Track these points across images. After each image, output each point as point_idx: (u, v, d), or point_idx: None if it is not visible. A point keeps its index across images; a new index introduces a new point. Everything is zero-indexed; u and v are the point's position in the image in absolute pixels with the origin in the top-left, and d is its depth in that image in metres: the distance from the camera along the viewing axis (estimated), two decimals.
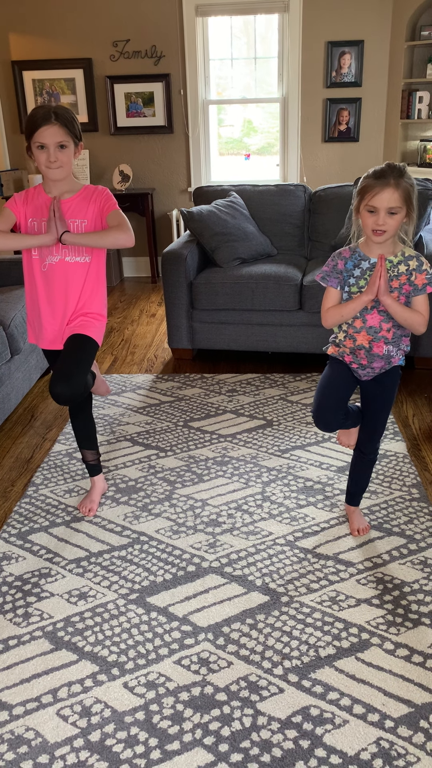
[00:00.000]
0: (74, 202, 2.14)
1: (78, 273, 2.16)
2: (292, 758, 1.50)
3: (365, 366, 2.03)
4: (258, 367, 3.76)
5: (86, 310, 2.22)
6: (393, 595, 1.98)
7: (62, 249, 2.13)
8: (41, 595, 2.03)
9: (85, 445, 2.44)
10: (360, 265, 1.94)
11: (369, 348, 1.98)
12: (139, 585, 2.05)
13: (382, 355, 1.99)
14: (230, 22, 5.42)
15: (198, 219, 3.80)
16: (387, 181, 1.79)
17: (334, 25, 5.21)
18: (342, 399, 2.06)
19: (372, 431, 2.15)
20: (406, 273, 1.90)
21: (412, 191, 1.82)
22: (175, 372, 3.74)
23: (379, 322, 1.95)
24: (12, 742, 1.56)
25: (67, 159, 2.05)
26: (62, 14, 5.33)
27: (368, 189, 1.81)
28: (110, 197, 2.15)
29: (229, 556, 2.18)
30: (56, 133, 1.99)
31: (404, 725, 1.57)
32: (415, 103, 5.11)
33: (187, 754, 1.51)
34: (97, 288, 2.23)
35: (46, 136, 1.99)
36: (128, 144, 5.67)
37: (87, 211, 2.13)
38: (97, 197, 2.14)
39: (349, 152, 5.55)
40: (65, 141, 2.02)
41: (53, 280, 2.16)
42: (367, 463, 2.23)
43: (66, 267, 2.14)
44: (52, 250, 2.13)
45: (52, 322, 2.21)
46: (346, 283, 1.97)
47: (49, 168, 2.04)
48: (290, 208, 4.07)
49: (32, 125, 2.00)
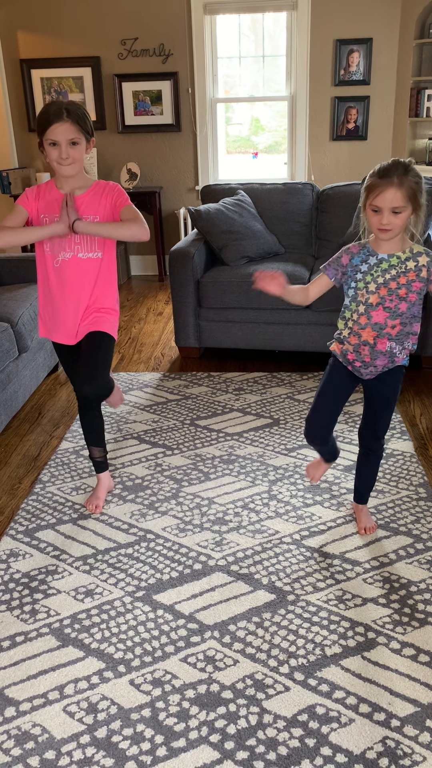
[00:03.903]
0: (86, 198, 2.14)
1: (90, 269, 2.18)
2: (297, 756, 1.50)
3: (368, 364, 2.02)
4: (265, 366, 3.76)
5: (99, 306, 2.23)
6: (399, 594, 1.98)
7: (74, 245, 2.14)
8: (48, 592, 2.03)
9: (93, 441, 2.45)
10: (367, 260, 1.94)
11: (373, 344, 1.98)
12: (146, 582, 2.06)
13: (385, 352, 1.98)
14: (238, 20, 5.42)
15: (205, 217, 3.80)
16: (390, 180, 1.77)
17: (343, 23, 5.19)
18: (334, 413, 2.13)
19: (376, 429, 2.15)
20: (415, 269, 1.89)
21: (417, 189, 1.79)
22: (182, 370, 3.74)
23: (384, 318, 1.94)
24: (19, 738, 1.56)
25: (78, 155, 2.05)
26: (70, 13, 5.34)
27: (372, 188, 1.81)
28: (122, 192, 2.16)
29: (236, 554, 2.18)
30: (68, 130, 2.00)
31: (410, 724, 1.56)
32: (424, 102, 5.09)
33: (193, 752, 1.52)
34: (109, 283, 2.25)
35: (58, 134, 2.00)
36: (136, 142, 5.67)
37: (99, 206, 2.14)
38: (108, 192, 2.15)
39: (357, 150, 5.54)
40: (77, 138, 2.02)
41: (66, 276, 2.17)
42: (373, 459, 2.22)
43: (78, 263, 2.15)
44: (65, 246, 2.13)
45: (65, 318, 2.23)
46: (352, 278, 1.97)
47: (60, 164, 2.05)
48: (298, 206, 4.07)
49: (44, 122, 2.01)
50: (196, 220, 3.83)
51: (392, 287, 1.91)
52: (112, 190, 2.15)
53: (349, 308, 2.00)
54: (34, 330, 3.23)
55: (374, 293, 1.93)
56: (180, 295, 3.73)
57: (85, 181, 2.16)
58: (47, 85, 5.56)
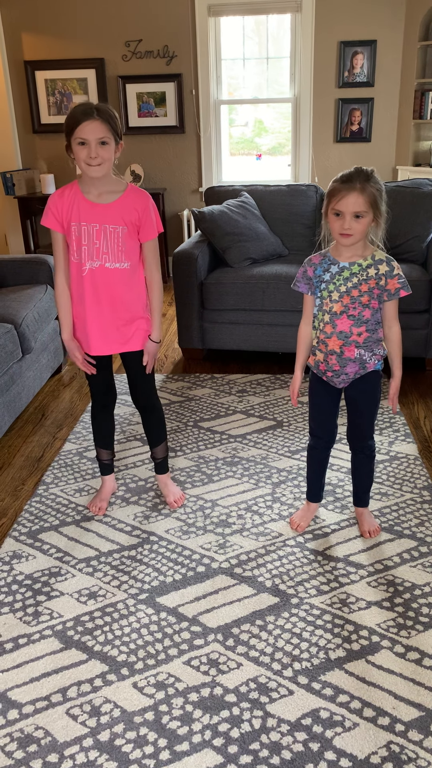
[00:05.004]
0: (118, 207, 2.07)
1: (119, 278, 2.12)
2: (301, 761, 1.49)
3: (338, 372, 2.04)
4: (268, 368, 3.75)
5: (131, 315, 2.18)
6: (404, 597, 1.97)
7: (102, 254, 2.08)
8: (51, 594, 2.03)
9: (102, 444, 2.44)
10: (329, 269, 1.97)
11: (340, 353, 2.00)
12: (149, 585, 2.05)
13: (354, 359, 2.00)
14: (242, 22, 5.42)
15: (209, 219, 3.80)
16: (353, 186, 1.81)
17: (347, 24, 5.19)
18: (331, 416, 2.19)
19: (361, 431, 2.17)
20: (375, 277, 1.92)
21: (378, 196, 1.84)
22: (185, 372, 3.74)
23: (349, 327, 1.97)
24: (21, 741, 1.56)
25: (108, 156, 1.98)
26: (74, 14, 5.35)
27: (335, 193, 1.84)
28: (150, 215, 2.10)
29: (239, 557, 2.17)
30: (98, 128, 1.93)
31: (415, 729, 1.56)
32: (428, 104, 5.09)
33: (196, 755, 1.51)
34: (139, 291, 2.18)
35: (87, 132, 1.93)
36: (140, 144, 5.67)
37: (127, 217, 2.07)
38: (141, 206, 2.08)
39: (361, 152, 5.53)
40: (106, 137, 1.95)
41: (95, 285, 2.11)
42: (364, 459, 2.23)
43: (106, 272, 2.09)
44: (93, 255, 2.07)
45: (93, 326, 2.16)
46: (317, 288, 2.01)
47: (89, 165, 1.98)
48: (302, 208, 4.06)
49: (73, 121, 1.94)
50: (200, 222, 3.83)
51: (354, 295, 1.94)
52: (145, 208, 2.08)
53: (316, 318, 2.04)
54: (38, 331, 3.23)
55: (338, 302, 1.96)
56: (183, 297, 3.73)
57: (115, 185, 2.08)
58: (51, 86, 5.57)
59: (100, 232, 2.06)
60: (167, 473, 2.52)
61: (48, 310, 3.41)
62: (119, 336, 2.19)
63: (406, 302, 3.21)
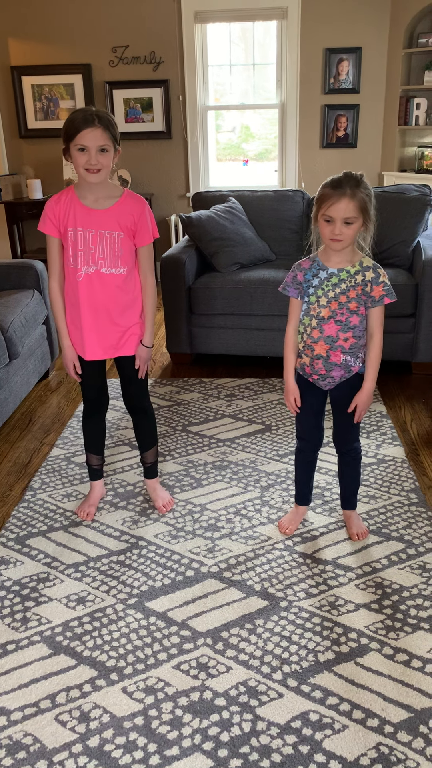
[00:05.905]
0: (114, 213, 2.08)
1: (115, 283, 2.12)
2: (291, 763, 1.49)
3: (324, 376, 2.06)
4: (256, 372, 3.76)
5: (126, 320, 2.18)
6: (392, 599, 1.98)
7: (98, 260, 2.08)
8: (40, 600, 2.02)
9: (93, 449, 2.44)
10: (318, 274, 1.99)
11: (326, 357, 2.02)
12: (138, 590, 2.05)
13: (340, 364, 2.02)
14: (229, 28, 5.45)
15: (197, 224, 3.81)
16: (343, 191, 1.82)
17: (332, 32, 5.24)
18: (316, 417, 2.20)
19: (346, 434, 2.19)
20: (362, 283, 1.94)
21: (368, 201, 1.86)
22: (174, 376, 3.74)
23: (336, 332, 1.99)
24: (10, 748, 1.55)
25: (107, 163, 2.00)
26: (62, 20, 5.35)
27: (325, 198, 1.86)
28: (146, 220, 2.12)
29: (228, 560, 2.17)
30: (99, 136, 1.94)
31: (404, 730, 1.56)
32: (413, 110, 5.14)
33: (186, 760, 1.51)
34: (134, 296, 2.19)
35: (88, 139, 1.94)
36: (127, 149, 5.67)
37: (123, 222, 2.08)
38: (137, 212, 2.10)
39: (347, 158, 5.57)
40: (106, 145, 1.97)
41: (90, 290, 2.11)
42: (350, 461, 2.24)
43: (102, 278, 2.10)
44: (89, 260, 2.08)
45: (89, 331, 2.16)
46: (305, 293, 2.02)
47: (88, 171, 1.99)
48: (289, 213, 4.08)
49: (73, 128, 1.94)
50: (188, 227, 3.84)
51: (342, 301, 1.96)
52: (141, 214, 2.10)
53: (302, 322, 2.05)
54: (25, 336, 3.22)
55: (325, 307, 1.98)
56: (171, 302, 3.74)
57: (111, 191, 2.10)
58: (38, 92, 5.56)
59: (96, 238, 2.07)
60: (156, 478, 2.51)
61: (35, 315, 3.40)
62: (114, 341, 2.20)
63: (393, 306, 3.24)
